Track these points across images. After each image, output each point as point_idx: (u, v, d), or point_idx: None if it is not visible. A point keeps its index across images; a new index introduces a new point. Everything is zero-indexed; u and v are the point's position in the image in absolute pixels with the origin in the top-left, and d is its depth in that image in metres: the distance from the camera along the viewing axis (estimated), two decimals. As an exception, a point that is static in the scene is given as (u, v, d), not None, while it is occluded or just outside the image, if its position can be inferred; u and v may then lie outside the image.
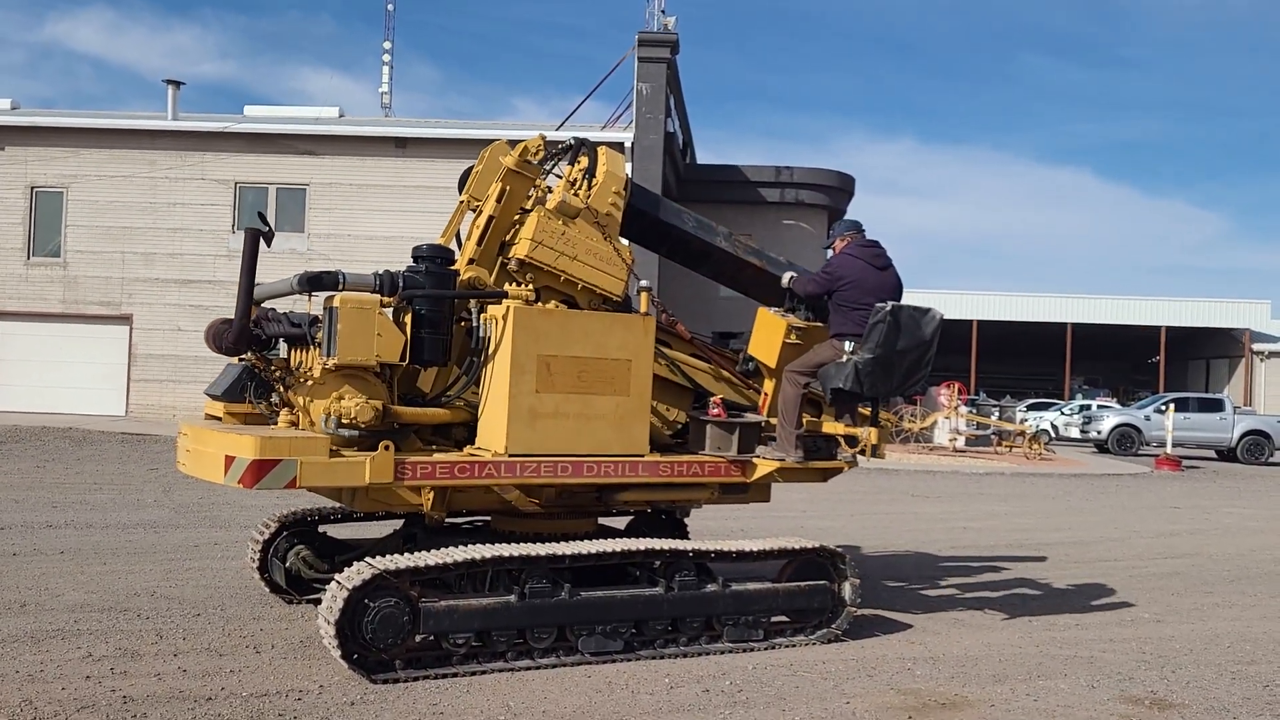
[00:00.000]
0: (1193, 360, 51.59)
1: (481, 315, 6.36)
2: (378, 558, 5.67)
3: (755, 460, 6.77)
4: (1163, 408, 28.37)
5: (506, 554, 5.79)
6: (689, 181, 27.63)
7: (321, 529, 7.34)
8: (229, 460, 5.60)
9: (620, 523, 7.83)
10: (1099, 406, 35.14)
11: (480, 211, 6.73)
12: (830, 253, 7.31)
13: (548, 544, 6.03)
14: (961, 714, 5.38)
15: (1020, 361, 57.68)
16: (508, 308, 6.15)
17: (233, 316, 6.13)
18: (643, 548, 6.20)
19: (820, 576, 6.72)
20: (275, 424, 6.16)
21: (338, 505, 7.36)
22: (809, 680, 5.81)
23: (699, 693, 5.50)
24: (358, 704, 5.07)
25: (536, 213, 6.53)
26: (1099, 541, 12.06)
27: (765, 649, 6.41)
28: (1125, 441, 29.60)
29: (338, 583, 5.44)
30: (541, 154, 6.86)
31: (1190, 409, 28.98)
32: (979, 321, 48.03)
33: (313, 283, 6.13)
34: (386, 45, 32.37)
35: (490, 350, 6.26)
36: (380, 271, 6.23)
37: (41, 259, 24.80)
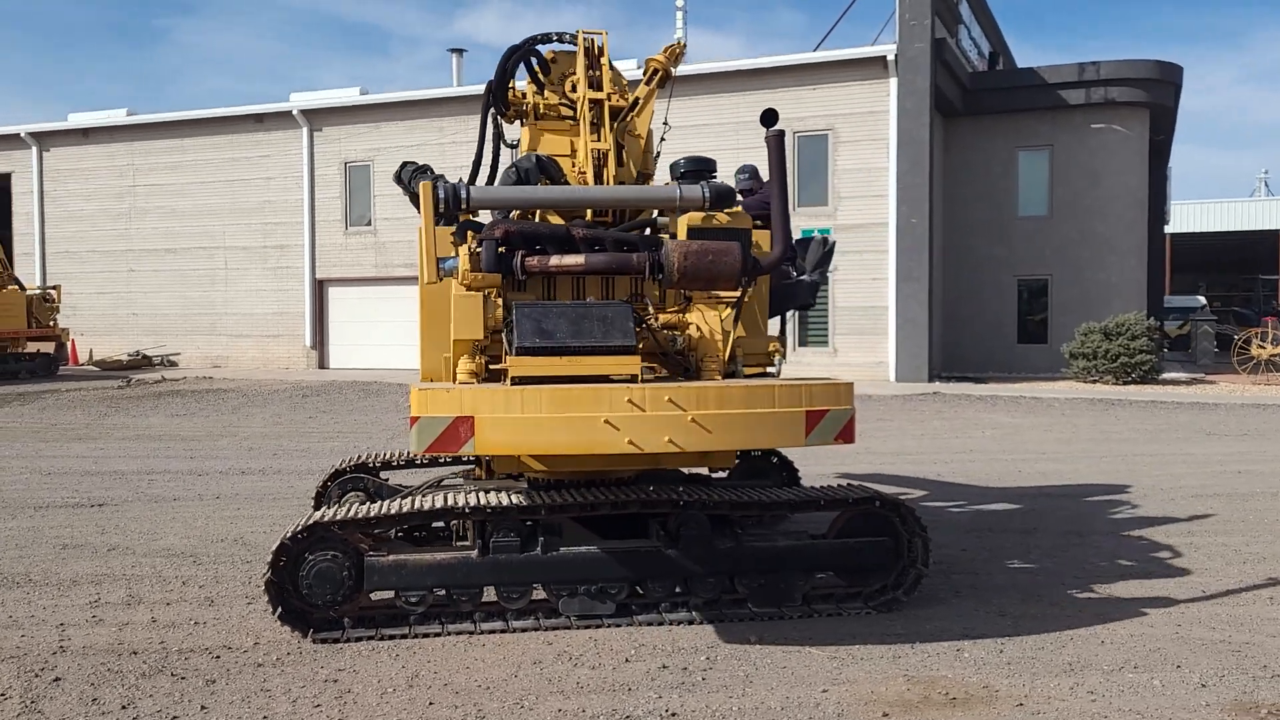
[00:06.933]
0: None
1: None
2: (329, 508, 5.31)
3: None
4: None
5: (461, 505, 5.21)
6: (976, 91, 24.68)
7: (383, 475, 7.12)
8: (814, 416, 4.86)
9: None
10: None
11: (624, 113, 6.21)
12: (741, 196, 6.95)
13: (526, 493, 5.39)
14: (965, 713, 4.14)
15: None
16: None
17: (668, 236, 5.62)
18: (638, 497, 5.37)
19: (880, 532, 5.54)
20: (697, 375, 5.18)
21: (398, 450, 7.17)
22: (802, 660, 4.75)
23: (653, 669, 4.63)
24: (265, 665, 4.72)
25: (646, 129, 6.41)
26: None
27: (800, 617, 5.38)
28: None
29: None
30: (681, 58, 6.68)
31: None
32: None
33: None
34: (678, -13, 31.91)
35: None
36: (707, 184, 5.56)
37: (356, 228, 27.00)
